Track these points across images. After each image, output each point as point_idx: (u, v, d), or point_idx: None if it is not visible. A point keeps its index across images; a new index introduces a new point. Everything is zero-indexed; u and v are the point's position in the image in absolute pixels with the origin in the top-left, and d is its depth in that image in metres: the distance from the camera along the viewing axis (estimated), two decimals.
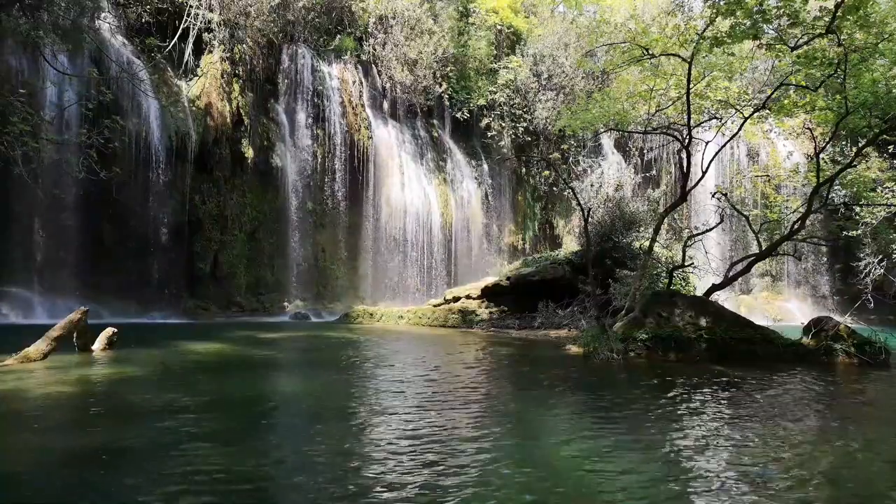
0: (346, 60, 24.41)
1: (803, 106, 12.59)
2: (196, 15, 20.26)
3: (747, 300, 26.91)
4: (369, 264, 23.92)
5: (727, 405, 6.26)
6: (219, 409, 5.75)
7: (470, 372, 8.49)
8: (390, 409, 5.76)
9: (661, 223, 13.75)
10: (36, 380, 6.70)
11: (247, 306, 20.56)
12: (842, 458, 4.44)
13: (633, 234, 17.86)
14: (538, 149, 28.08)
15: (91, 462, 3.96)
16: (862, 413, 6.35)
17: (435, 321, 17.47)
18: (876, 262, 21.74)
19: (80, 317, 8.66)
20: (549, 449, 4.44)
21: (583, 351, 10.21)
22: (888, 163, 20.85)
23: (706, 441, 4.76)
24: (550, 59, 27.48)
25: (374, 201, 24.17)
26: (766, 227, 15.64)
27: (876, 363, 9.44)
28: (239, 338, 12.38)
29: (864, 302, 19.05)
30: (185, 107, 19.73)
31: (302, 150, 22.78)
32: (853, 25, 10.15)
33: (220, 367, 8.65)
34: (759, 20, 10.43)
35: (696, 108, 13.29)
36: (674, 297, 11.15)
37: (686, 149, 12.97)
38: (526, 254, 26.40)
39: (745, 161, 29.13)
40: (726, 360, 9.43)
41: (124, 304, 17.10)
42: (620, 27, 15.17)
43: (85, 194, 16.68)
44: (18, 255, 16.50)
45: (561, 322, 15.64)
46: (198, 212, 19.95)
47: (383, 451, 4.26)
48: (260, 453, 4.22)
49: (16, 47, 15.93)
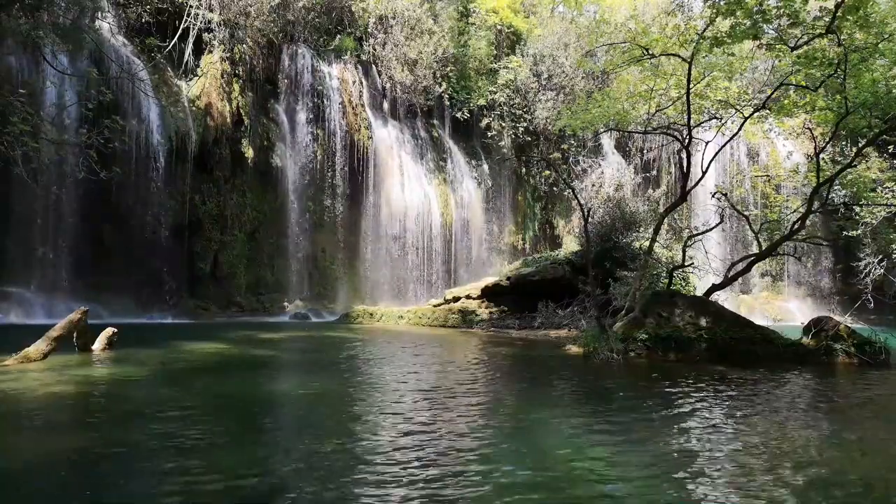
0: (346, 60, 24.41)
1: (803, 106, 12.60)
2: (196, 15, 20.26)
3: (747, 300, 26.91)
4: (369, 264, 23.92)
5: (727, 405, 6.25)
6: (218, 409, 5.75)
7: (470, 372, 8.48)
8: (390, 409, 5.76)
9: (661, 223, 13.76)
10: (36, 380, 6.69)
11: (247, 306, 20.56)
12: (842, 458, 4.43)
13: (633, 234, 17.87)
14: (538, 149, 28.08)
15: (91, 462, 3.96)
16: (862, 413, 6.34)
17: (435, 321, 17.47)
18: (876, 262, 21.74)
19: (80, 317, 8.65)
20: (550, 449, 4.43)
21: (583, 351, 10.21)
22: (888, 163, 20.85)
23: (706, 441, 4.75)
24: (550, 59, 27.47)
25: (374, 201, 24.17)
26: (766, 227, 15.64)
27: (876, 363, 9.44)
28: (239, 338, 12.38)
29: (864, 302, 19.06)
30: (185, 107, 19.73)
31: (302, 150, 22.78)
32: (853, 25, 10.14)
33: (219, 367, 8.64)
34: (759, 20, 10.43)
35: (696, 108, 13.29)
36: (674, 297, 11.15)
37: (686, 149, 12.97)
38: (526, 254, 26.40)
39: (745, 161, 29.12)
40: (726, 360, 9.43)
41: (124, 304, 17.10)
42: (620, 27, 15.16)
43: (85, 194, 16.68)
44: (18, 255, 16.50)
45: (561, 322, 15.65)
46: (198, 212, 19.95)
47: (384, 451, 4.26)
48: (260, 453, 4.22)
49: (16, 47, 15.93)
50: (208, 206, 20.24)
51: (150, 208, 18.57)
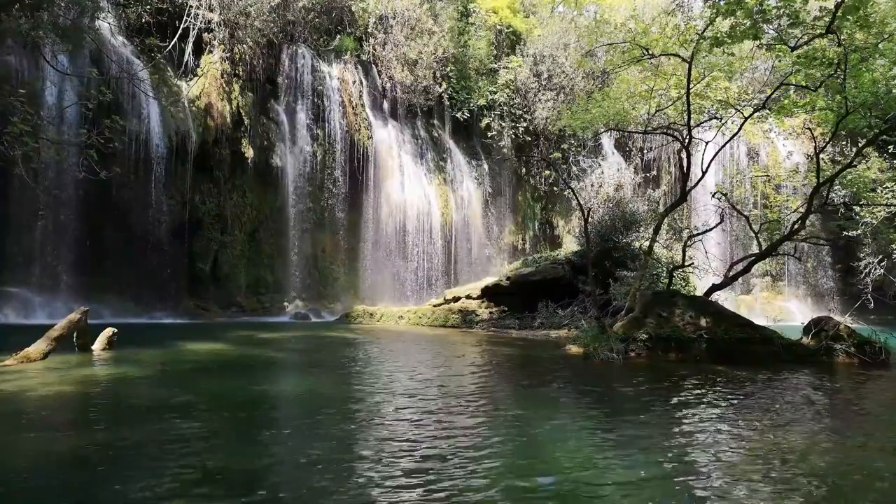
0: (346, 60, 24.40)
1: (803, 106, 12.59)
2: (196, 15, 20.26)
3: (747, 300, 26.90)
4: (369, 264, 23.92)
5: (727, 405, 6.25)
6: (218, 409, 5.75)
7: (470, 372, 8.48)
8: (391, 410, 5.76)
9: (661, 223, 13.76)
10: (36, 380, 6.69)
11: (247, 306, 20.57)
12: (842, 458, 4.43)
13: (633, 234, 17.87)
14: (538, 149, 28.08)
15: (91, 462, 3.96)
16: (862, 413, 6.35)
17: (435, 321, 17.47)
18: (876, 262, 21.74)
19: (80, 317, 8.66)
20: (550, 449, 4.43)
21: (583, 351, 10.21)
22: (888, 163, 20.84)
23: (707, 441, 4.75)
24: (550, 59, 27.47)
25: (374, 201, 24.17)
26: (766, 227, 15.65)
27: (876, 363, 9.44)
28: (239, 338, 12.38)
29: (864, 302, 19.05)
30: (185, 107, 19.72)
31: (302, 150, 22.78)
32: (853, 25, 10.13)
33: (219, 367, 8.64)
34: (759, 20, 10.43)
35: (696, 108, 13.29)
36: (674, 297, 11.15)
37: (686, 149, 12.98)
38: (526, 254, 26.40)
39: (745, 161, 29.11)
40: (726, 360, 9.43)
41: (124, 304, 17.10)
42: (620, 27, 15.14)
43: (85, 194, 16.68)
44: (18, 255, 16.50)
45: (561, 322, 15.64)
46: (198, 212, 19.95)
47: (384, 451, 4.26)
48: (260, 453, 4.22)
49: (16, 47, 15.93)
50: (208, 206, 20.24)
51: (150, 208, 18.57)
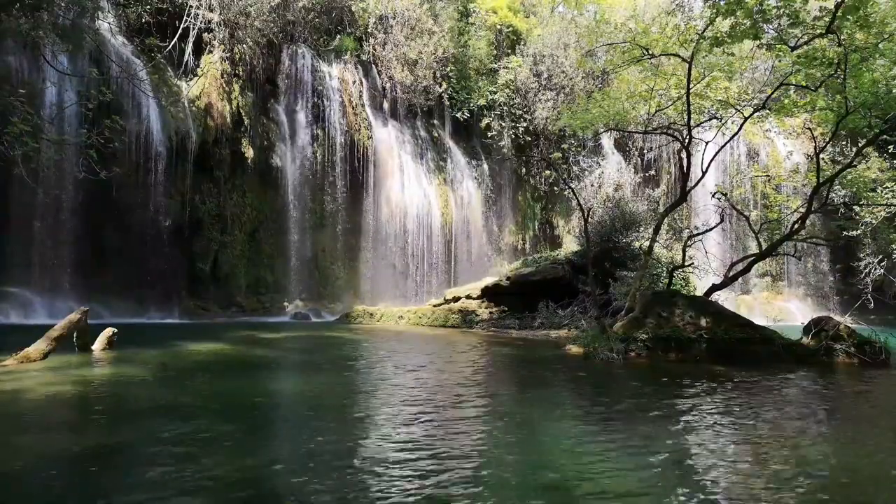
0: (346, 60, 24.41)
1: (803, 106, 12.58)
2: (196, 15, 20.26)
3: (747, 300, 26.90)
4: (369, 264, 23.92)
5: (727, 405, 6.25)
6: (218, 409, 5.74)
7: (470, 372, 8.48)
8: (391, 410, 5.76)
9: (661, 223, 13.76)
10: (36, 380, 6.69)
11: (247, 306, 20.57)
12: (842, 458, 4.43)
13: (633, 234, 17.87)
14: (538, 149, 28.08)
15: (90, 462, 3.95)
16: (862, 413, 6.34)
17: (435, 321, 17.47)
18: (876, 262, 21.74)
19: (80, 317, 8.66)
20: (550, 449, 4.43)
21: (583, 351, 10.21)
22: (888, 163, 20.84)
23: (707, 441, 4.75)
24: (550, 59, 27.47)
25: (374, 201, 24.18)
26: (766, 227, 15.64)
27: (876, 363, 9.43)
28: (239, 338, 12.38)
29: (864, 302, 19.04)
30: (185, 107, 19.72)
31: (302, 150, 22.78)
32: (853, 25, 10.13)
33: (219, 367, 8.64)
34: (759, 20, 10.43)
35: (696, 108, 13.29)
36: (674, 297, 11.15)
37: (686, 149, 12.97)
38: (526, 254, 26.41)
39: (745, 161, 29.12)
40: (726, 360, 9.42)
41: (124, 304, 17.10)
42: (620, 27, 15.14)
43: (85, 194, 16.68)
44: (18, 255, 16.49)
45: (561, 322, 15.64)
46: (198, 212, 19.95)
47: (384, 451, 4.26)
48: (260, 454, 4.21)
49: (16, 47, 15.92)
50: (208, 206, 20.24)
51: (150, 208, 18.57)
